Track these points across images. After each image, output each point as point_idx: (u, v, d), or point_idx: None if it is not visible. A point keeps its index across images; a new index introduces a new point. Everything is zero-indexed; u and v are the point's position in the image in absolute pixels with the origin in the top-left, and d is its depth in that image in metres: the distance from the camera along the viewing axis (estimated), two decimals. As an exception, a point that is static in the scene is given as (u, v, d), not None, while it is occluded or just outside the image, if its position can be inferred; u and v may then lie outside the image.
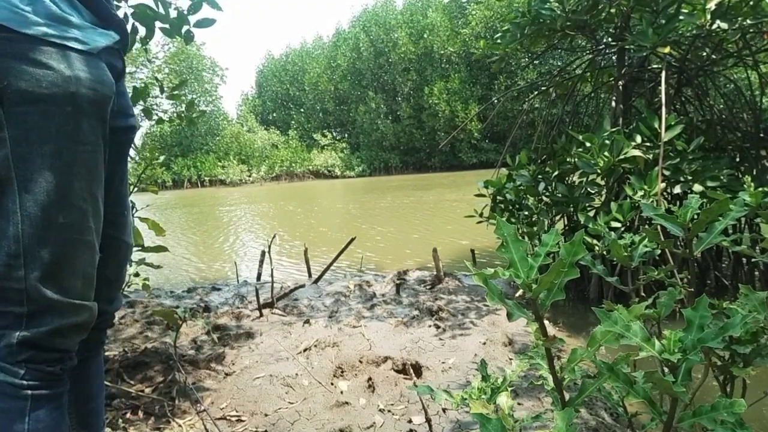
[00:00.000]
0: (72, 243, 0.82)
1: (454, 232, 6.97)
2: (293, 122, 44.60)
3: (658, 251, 1.45)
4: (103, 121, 0.85)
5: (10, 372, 0.81)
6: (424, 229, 7.64)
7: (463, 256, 5.03)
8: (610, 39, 3.57)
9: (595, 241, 1.78)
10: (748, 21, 2.63)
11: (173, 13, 2.05)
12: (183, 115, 2.66)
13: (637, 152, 2.70)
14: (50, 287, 0.81)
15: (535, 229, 3.07)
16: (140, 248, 2.06)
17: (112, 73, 0.90)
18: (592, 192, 3.09)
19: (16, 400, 0.80)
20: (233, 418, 1.74)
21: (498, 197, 3.45)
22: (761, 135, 3.16)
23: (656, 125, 2.70)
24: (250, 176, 37.76)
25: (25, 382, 0.81)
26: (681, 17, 2.65)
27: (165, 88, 2.52)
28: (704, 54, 3.42)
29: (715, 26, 2.66)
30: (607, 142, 2.81)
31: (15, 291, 0.79)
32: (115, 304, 1.11)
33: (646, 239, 1.29)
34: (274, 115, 47.48)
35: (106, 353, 2.20)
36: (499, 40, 3.54)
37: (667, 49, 2.69)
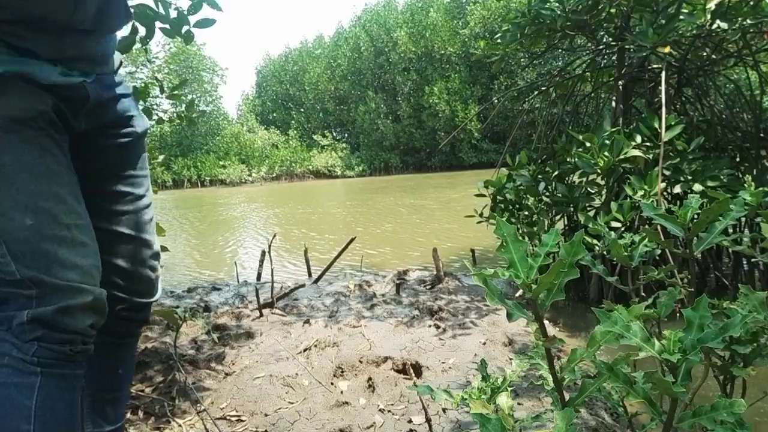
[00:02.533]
0: (48, 239, 0.87)
1: (454, 232, 6.97)
2: (293, 122, 44.57)
3: (658, 251, 1.45)
4: (40, 129, 0.90)
5: (22, 349, 0.86)
6: (424, 229, 7.64)
7: (463, 256, 5.03)
8: (610, 39, 3.57)
9: (595, 241, 1.78)
10: (748, 21, 2.63)
11: (173, 13, 2.05)
12: (183, 115, 2.65)
13: (637, 152, 2.70)
14: (45, 276, 0.87)
15: (535, 229, 3.07)
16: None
17: (75, 99, 0.97)
18: (592, 192, 3.09)
19: (27, 375, 0.85)
20: (233, 418, 1.74)
21: (498, 197, 3.45)
22: (761, 135, 3.16)
23: (656, 125, 2.70)
24: (250, 176, 37.74)
25: (36, 359, 0.86)
26: (681, 17, 2.65)
27: (165, 88, 2.51)
28: (704, 54, 3.42)
29: (715, 26, 2.65)
30: (607, 142, 2.81)
31: (17, 281, 0.86)
32: (147, 297, 1.16)
33: (646, 239, 1.29)
34: (274, 115, 47.46)
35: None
36: (499, 41, 3.54)
37: (667, 49, 2.69)
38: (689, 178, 2.72)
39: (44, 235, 0.87)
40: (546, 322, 1.52)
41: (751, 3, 2.58)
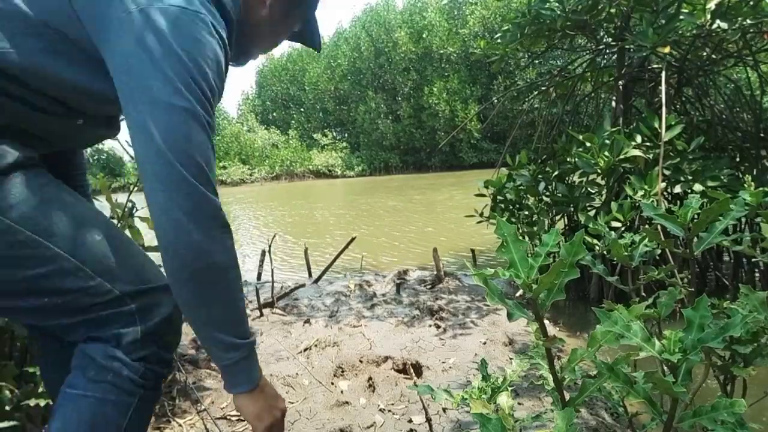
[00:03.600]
0: (120, 249, 0.87)
1: (454, 232, 6.97)
2: (293, 122, 44.58)
3: (659, 251, 1.45)
4: (37, 165, 0.90)
5: (132, 368, 0.84)
6: (425, 229, 7.64)
7: (463, 256, 5.03)
8: (610, 39, 3.57)
9: (595, 241, 1.78)
10: (748, 21, 2.62)
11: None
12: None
13: (637, 152, 2.70)
14: (139, 285, 0.86)
15: (535, 229, 3.07)
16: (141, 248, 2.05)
17: None
18: (592, 192, 3.09)
19: (127, 395, 0.84)
20: (233, 418, 1.75)
21: (498, 197, 3.45)
22: (761, 135, 3.16)
23: (656, 125, 2.70)
24: (250, 176, 37.72)
25: (141, 381, 0.85)
26: (681, 17, 2.65)
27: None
28: (704, 54, 3.42)
29: (715, 26, 2.65)
30: (608, 142, 2.81)
31: (115, 298, 0.84)
32: None
33: (647, 239, 1.29)
34: (275, 114, 47.47)
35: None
36: (499, 40, 3.54)
37: (667, 49, 2.69)
38: (689, 178, 2.72)
39: (115, 246, 0.86)
40: (546, 322, 1.52)
41: (751, 3, 2.58)
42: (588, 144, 2.82)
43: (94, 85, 0.83)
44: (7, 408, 1.31)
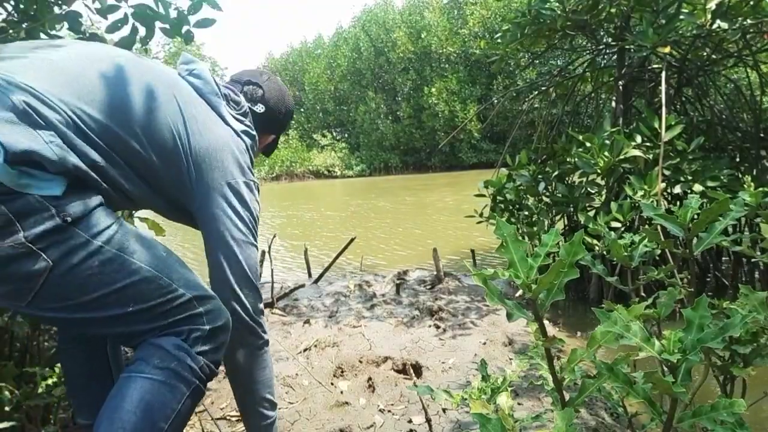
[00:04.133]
0: (180, 263, 1.04)
1: (454, 232, 6.97)
2: (293, 122, 44.56)
3: (658, 251, 1.45)
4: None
5: (195, 360, 0.96)
6: (424, 229, 7.64)
7: (463, 256, 5.03)
8: (610, 39, 3.57)
9: (595, 241, 1.78)
10: (748, 21, 2.63)
11: (173, 13, 2.04)
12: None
13: (637, 152, 2.70)
14: (202, 291, 1.02)
15: (535, 229, 3.07)
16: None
17: None
18: (592, 192, 3.09)
19: (185, 383, 0.94)
20: (233, 418, 1.74)
21: (498, 197, 3.45)
22: (761, 135, 3.15)
23: (656, 125, 2.70)
24: (250, 176, 37.63)
25: (199, 373, 0.96)
26: (681, 17, 2.65)
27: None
28: (704, 54, 3.42)
29: (715, 26, 2.65)
30: (607, 142, 2.80)
31: (187, 301, 0.98)
32: None
33: (646, 239, 1.29)
34: (274, 115, 47.29)
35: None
36: (499, 40, 3.54)
37: (667, 49, 2.69)
38: (689, 178, 2.72)
39: (176, 260, 1.02)
40: (546, 322, 1.52)
41: (751, 3, 2.58)
42: (588, 144, 2.82)
43: (167, 212, 1.17)
44: (7, 408, 1.32)
